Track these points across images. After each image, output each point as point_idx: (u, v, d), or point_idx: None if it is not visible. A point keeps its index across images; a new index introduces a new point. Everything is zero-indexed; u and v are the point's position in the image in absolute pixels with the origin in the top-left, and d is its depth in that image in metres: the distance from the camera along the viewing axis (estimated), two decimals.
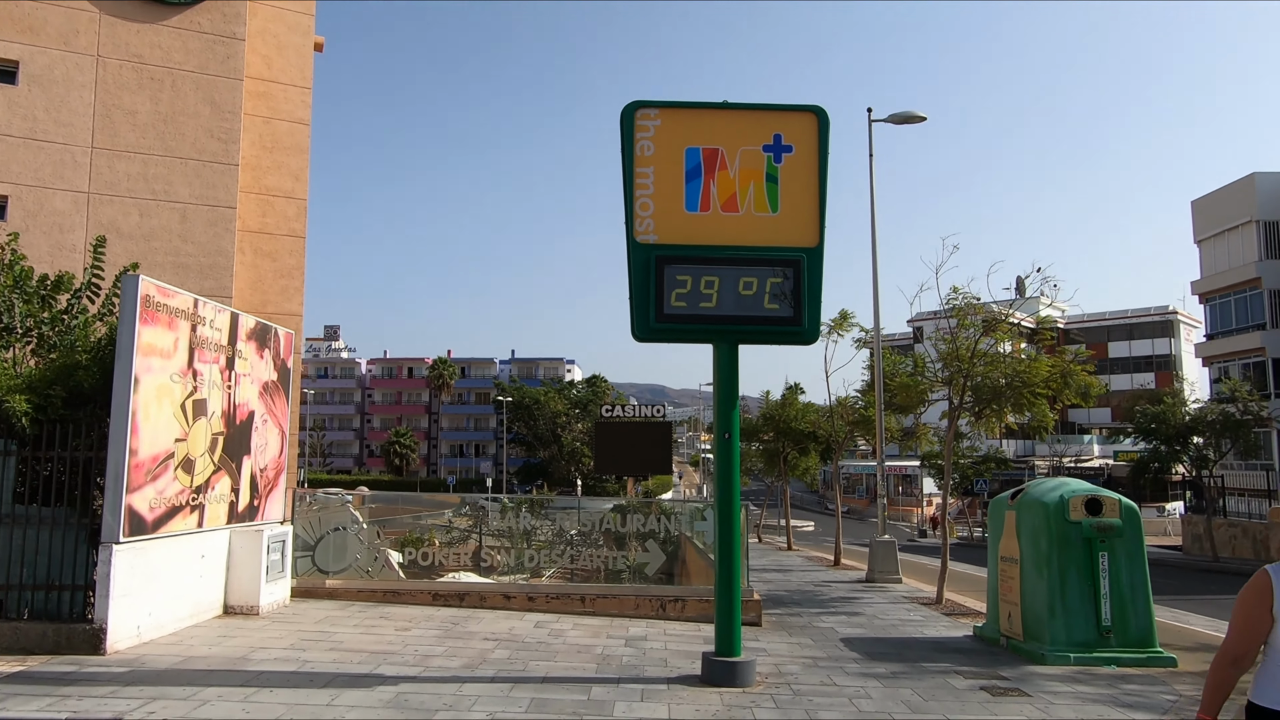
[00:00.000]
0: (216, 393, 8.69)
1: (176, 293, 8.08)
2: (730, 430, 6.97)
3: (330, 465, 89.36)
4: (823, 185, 7.34)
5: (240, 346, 9.19)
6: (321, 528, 10.69)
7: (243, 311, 9.67)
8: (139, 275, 7.48)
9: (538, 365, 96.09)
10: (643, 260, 7.13)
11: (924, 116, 16.12)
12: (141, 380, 7.39)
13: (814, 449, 26.54)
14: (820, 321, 7.22)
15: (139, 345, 7.35)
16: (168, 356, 7.81)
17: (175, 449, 7.94)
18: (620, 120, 7.27)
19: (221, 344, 8.78)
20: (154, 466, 7.60)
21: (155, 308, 7.62)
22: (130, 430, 7.23)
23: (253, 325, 9.57)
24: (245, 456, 9.32)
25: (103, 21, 17.53)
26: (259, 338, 9.67)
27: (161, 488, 7.72)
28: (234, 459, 9.05)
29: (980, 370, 12.27)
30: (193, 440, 8.23)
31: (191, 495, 8.23)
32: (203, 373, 8.42)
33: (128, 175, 17.51)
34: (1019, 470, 55.81)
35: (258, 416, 9.61)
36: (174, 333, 7.92)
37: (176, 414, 7.96)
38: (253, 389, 9.50)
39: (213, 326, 8.62)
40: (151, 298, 7.57)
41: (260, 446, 9.68)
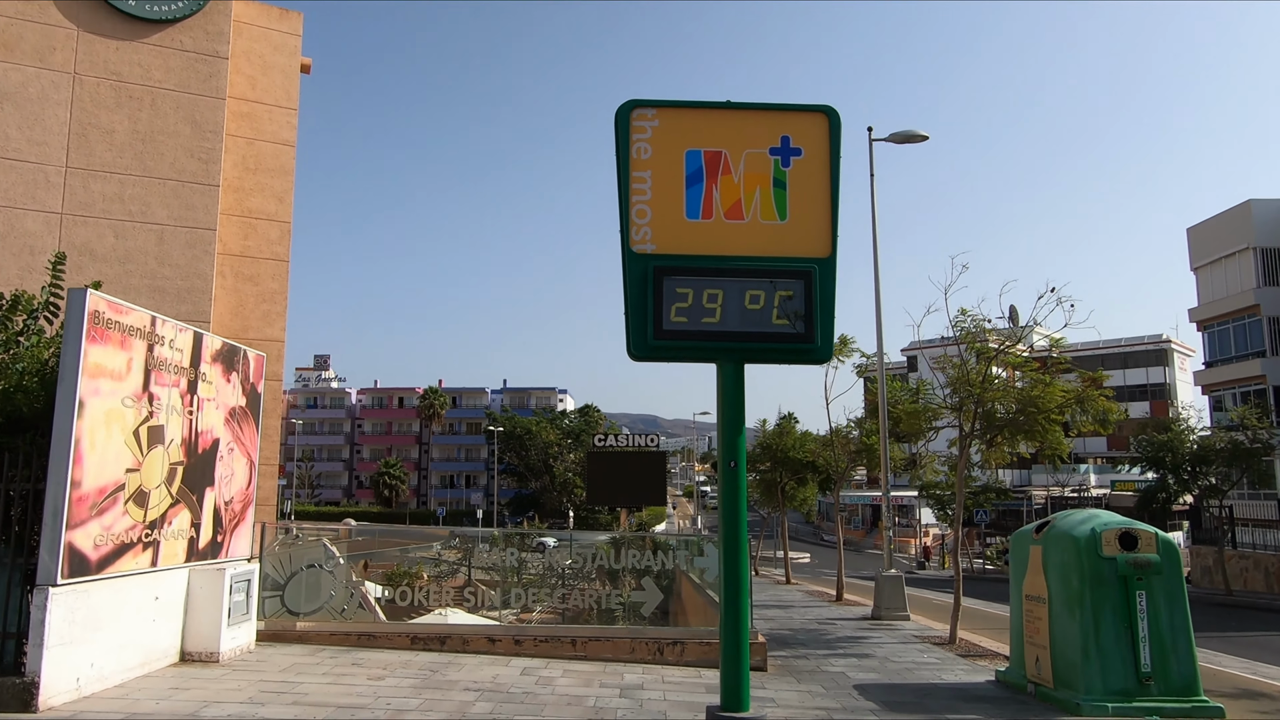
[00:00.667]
0: (176, 419, 8.00)
1: (131, 309, 7.42)
2: (736, 458, 6.32)
3: (319, 497, 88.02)
4: (835, 191, 6.75)
5: (204, 369, 8.51)
6: (292, 565, 9.94)
7: (209, 332, 8.99)
8: (87, 290, 6.84)
9: (530, 395, 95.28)
10: (640, 272, 6.50)
11: (925, 136, 15.69)
12: (88, 404, 6.71)
13: (812, 479, 25.86)
14: (833, 339, 6.60)
15: (85, 366, 6.67)
16: (119, 379, 7.14)
17: (126, 480, 7.23)
18: (615, 121, 6.68)
19: (183, 366, 8.10)
20: (100, 500, 6.89)
21: (106, 325, 6.96)
22: (73, 459, 6.53)
23: (219, 346, 8.90)
24: (208, 488, 8.60)
25: (80, 39, 17.03)
26: (226, 360, 9.00)
27: (109, 523, 7.00)
28: (195, 491, 8.33)
29: (992, 396, 11.66)
30: (147, 470, 7.53)
31: (144, 531, 7.50)
32: (160, 397, 7.73)
33: (103, 196, 16.91)
34: (1017, 501, 55.13)
35: (223, 445, 8.91)
36: (127, 353, 7.24)
37: (128, 441, 7.26)
38: (218, 415, 8.81)
39: (173, 347, 7.95)
40: (101, 314, 6.91)
41: (225, 477, 8.96)
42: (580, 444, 68.52)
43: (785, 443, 24.55)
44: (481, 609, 12.10)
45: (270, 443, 19.72)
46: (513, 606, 12.04)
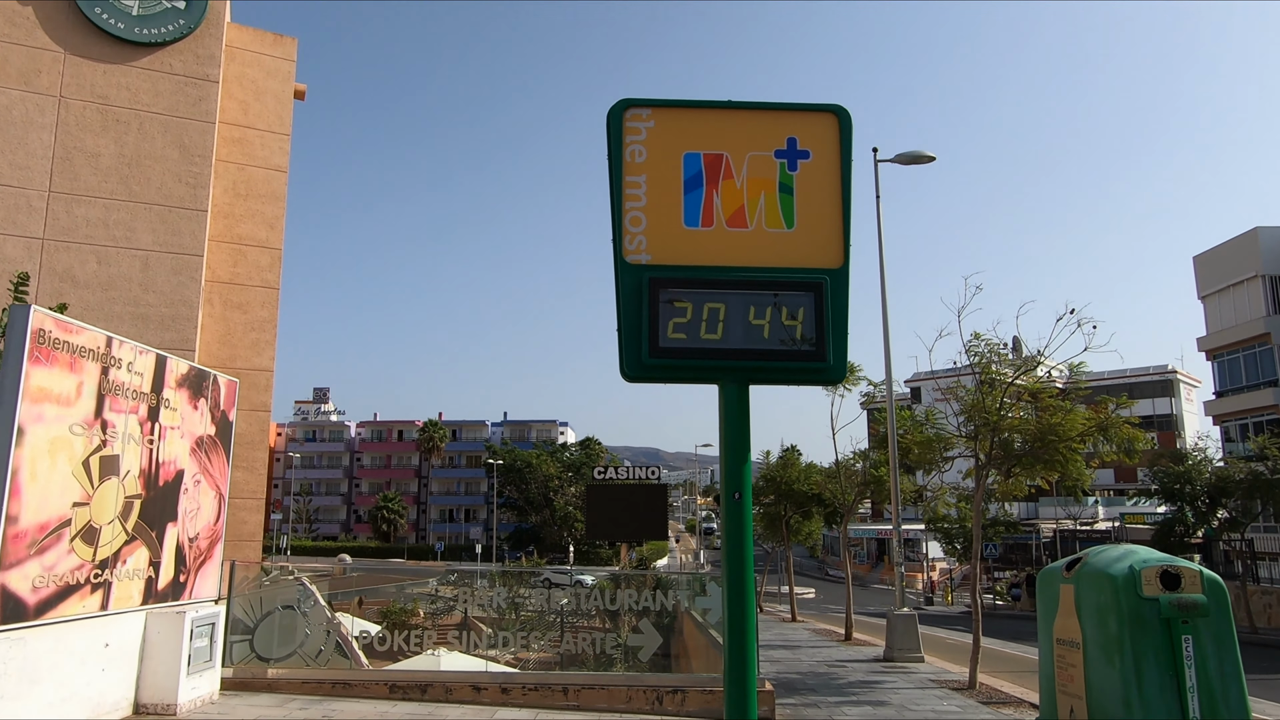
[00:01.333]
0: (134, 448, 7.39)
1: (83, 329, 6.85)
2: (740, 489, 5.64)
3: (316, 532, 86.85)
4: (846, 197, 6.16)
5: (168, 394, 7.92)
6: (264, 606, 9.27)
7: (175, 355, 8.42)
8: (31, 306, 6.27)
9: (530, 428, 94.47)
10: (633, 284, 5.88)
11: (932, 157, 15.25)
12: (28, 431, 6.11)
13: (818, 513, 25.12)
14: (847, 357, 5.98)
15: (26, 389, 6.09)
16: (67, 404, 6.55)
17: (74, 515, 6.61)
18: (607, 121, 6.11)
19: (142, 391, 7.52)
20: (41, 537, 6.26)
21: (52, 345, 6.39)
22: (9, 492, 5.92)
23: (185, 370, 8.32)
24: (170, 524, 7.97)
25: (67, 62, 16.70)
26: (193, 385, 8.42)
27: (51, 562, 6.37)
28: (154, 526, 7.70)
29: (1009, 424, 11.03)
30: (98, 504, 6.91)
31: (94, 571, 6.86)
32: (116, 424, 7.14)
33: (87, 220, 16.46)
34: (1026, 535, 54.11)
35: (188, 476, 8.29)
36: (77, 375, 6.66)
37: (77, 472, 6.65)
38: (182, 444, 8.20)
39: (131, 370, 7.37)
40: (47, 333, 6.34)
41: (190, 512, 8.33)
42: (581, 477, 67.68)
43: (789, 475, 23.86)
44: (478, 648, 11.59)
45: (256, 476, 19.07)
46: (510, 646, 11.49)
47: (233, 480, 18.70)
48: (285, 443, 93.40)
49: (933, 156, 15.31)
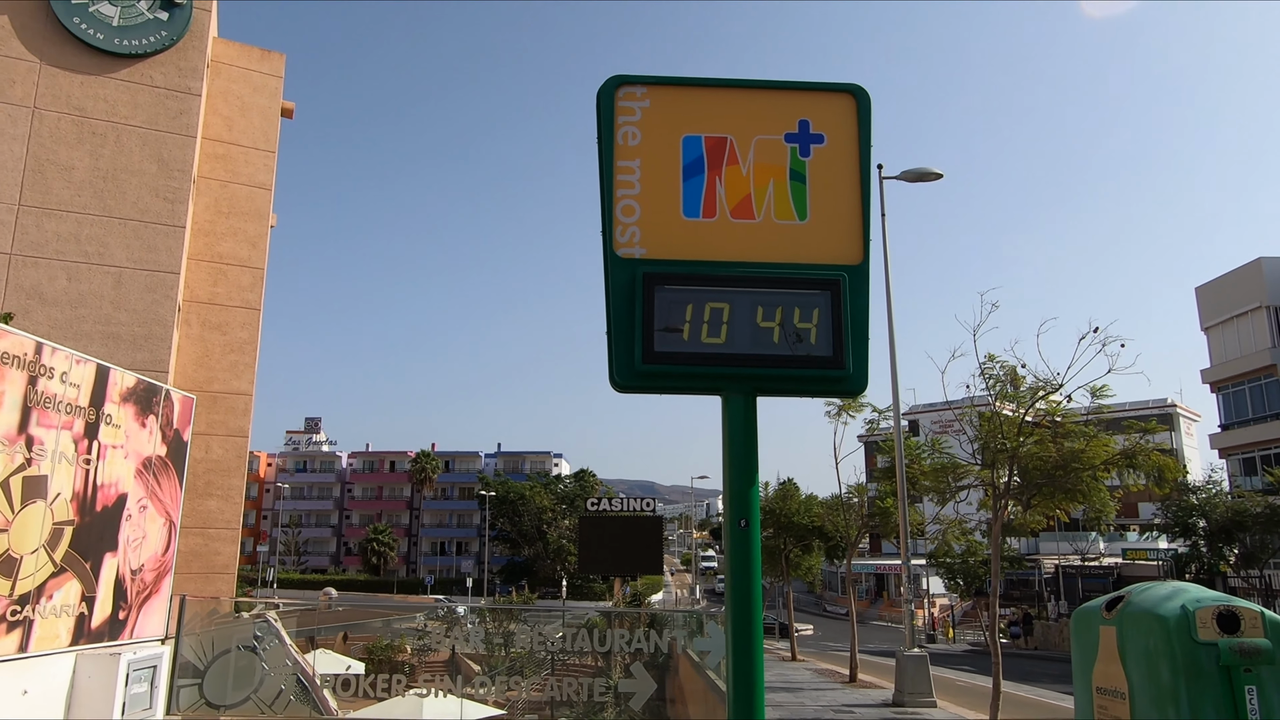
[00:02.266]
0: (66, 468, 6.61)
1: (8, 332, 6.11)
2: (748, 515, 4.87)
3: (305, 564, 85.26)
4: (865, 185, 5.45)
5: (110, 410, 7.16)
6: (217, 646, 8.42)
7: (121, 368, 7.65)
8: None
9: (524, 459, 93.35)
10: (625, 281, 5.15)
11: (939, 174, 14.69)
12: None
13: (819, 547, 24.25)
14: (868, 363, 5.25)
15: None
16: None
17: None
18: (597, 100, 5.41)
19: (78, 404, 6.75)
20: None
21: None
22: None
23: (131, 383, 7.56)
24: (108, 554, 7.15)
25: (43, 72, 16.11)
26: (140, 400, 7.65)
27: None
28: (89, 557, 6.89)
29: (1029, 450, 10.29)
30: (19, 531, 6.11)
31: (11, 607, 6.05)
32: (44, 440, 6.36)
33: (57, 235, 15.77)
34: (1028, 570, 53.05)
35: (132, 501, 7.49)
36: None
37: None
38: (126, 465, 7.41)
39: (66, 381, 6.62)
40: None
41: (134, 540, 7.52)
42: (575, 510, 66.62)
43: (789, 507, 23.03)
44: (467, 686, 11.00)
45: (231, 504, 18.19)
46: (498, 684, 10.82)
47: (206, 509, 17.89)
48: (275, 473, 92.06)
49: (939, 174, 14.75)
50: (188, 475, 17.62)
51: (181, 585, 17.09)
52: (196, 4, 17.40)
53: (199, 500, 17.63)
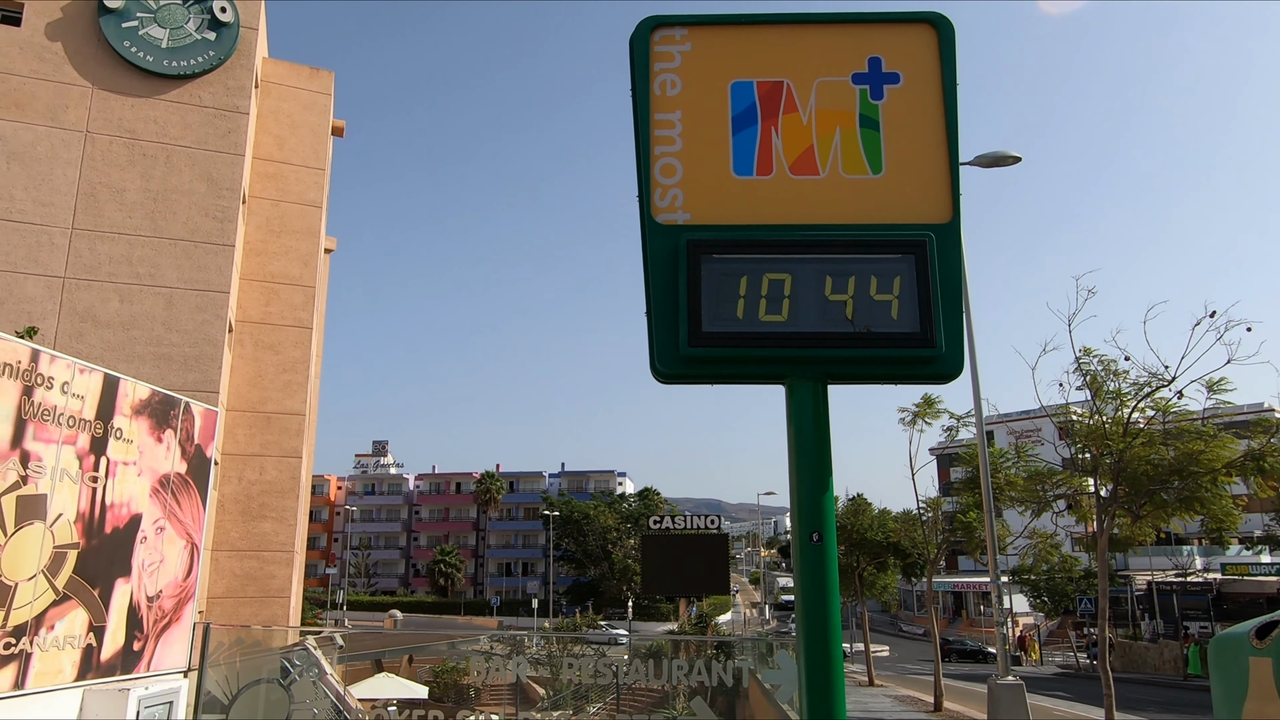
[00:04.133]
0: (69, 486, 6.09)
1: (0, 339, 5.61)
2: (822, 528, 3.97)
3: (374, 586, 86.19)
4: (952, 130, 4.55)
5: (120, 423, 6.64)
6: (242, 679, 7.83)
7: (132, 378, 7.15)
8: None
9: (588, 478, 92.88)
10: (667, 251, 4.32)
11: (1018, 157, 13.55)
12: None
13: (894, 564, 22.92)
14: (964, 340, 4.31)
15: None
16: None
17: None
18: (630, 46, 4.63)
19: (82, 417, 6.25)
20: None
21: None
22: None
23: (145, 396, 7.05)
24: (121, 579, 6.62)
25: (95, 96, 16.19)
26: (155, 413, 7.13)
27: None
28: (97, 583, 6.36)
29: (1138, 453, 9.10)
30: (12, 556, 5.59)
31: (5, 639, 5.52)
32: (42, 456, 5.85)
33: (110, 258, 15.74)
34: (1120, 588, 50.07)
35: (148, 523, 6.96)
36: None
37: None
38: (140, 484, 6.89)
39: (68, 392, 6.11)
40: None
41: (150, 565, 6.98)
42: (640, 529, 65.76)
43: (861, 522, 21.81)
44: (532, 710, 10.47)
45: (286, 527, 17.89)
46: (564, 709, 10.28)
47: (260, 532, 17.60)
48: (345, 496, 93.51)
49: (1018, 157, 13.61)
50: (241, 498, 17.40)
51: (236, 610, 16.82)
52: (244, 24, 17.35)
53: (253, 523, 17.36)
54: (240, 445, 17.54)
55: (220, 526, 17.02)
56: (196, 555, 7.68)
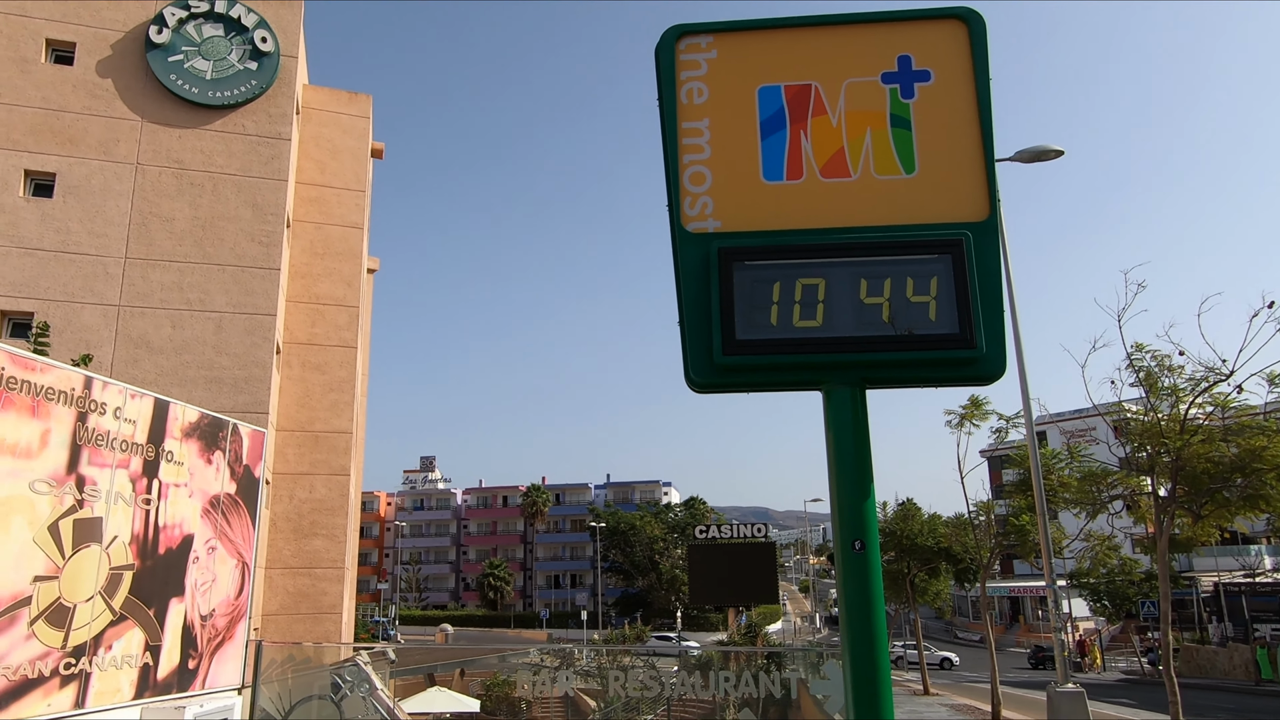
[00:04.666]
0: (123, 509, 6.25)
1: (52, 366, 5.78)
2: (864, 535, 3.91)
3: (426, 601, 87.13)
4: (987, 126, 4.48)
5: (170, 446, 6.80)
6: (294, 695, 7.94)
7: (183, 402, 7.31)
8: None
9: (633, 489, 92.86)
10: (698, 258, 4.31)
11: (1060, 151, 13.26)
12: None
13: (946, 570, 22.47)
14: (1005, 339, 4.22)
15: None
16: (26, 455, 5.45)
17: (35, 591, 5.45)
18: (655, 56, 4.65)
19: (134, 441, 6.40)
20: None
21: (5, 385, 5.32)
22: None
23: (195, 418, 7.20)
24: (175, 599, 6.76)
25: (144, 129, 16.71)
26: (205, 435, 7.29)
27: (1, 651, 5.19)
28: (152, 603, 6.50)
29: (1197, 449, 8.80)
30: (70, 578, 5.74)
31: (64, 660, 5.66)
32: (97, 480, 6.01)
33: (161, 285, 16.19)
34: (1185, 590, 48.49)
35: (199, 543, 7.10)
36: (41, 422, 5.57)
37: (40, 538, 5.51)
38: (191, 505, 7.04)
39: (120, 417, 6.27)
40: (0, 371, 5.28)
41: (202, 584, 7.12)
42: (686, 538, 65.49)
43: (911, 528, 21.43)
44: None
45: (337, 544, 18.16)
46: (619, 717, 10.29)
47: (312, 549, 17.89)
48: (395, 512, 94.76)
49: (1060, 150, 13.32)
50: (292, 516, 17.70)
51: (290, 627, 17.10)
52: (284, 53, 17.77)
53: (304, 540, 17.65)
54: (290, 464, 17.87)
55: (273, 545, 17.35)
56: (248, 574, 7.82)
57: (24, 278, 15.38)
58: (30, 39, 16.42)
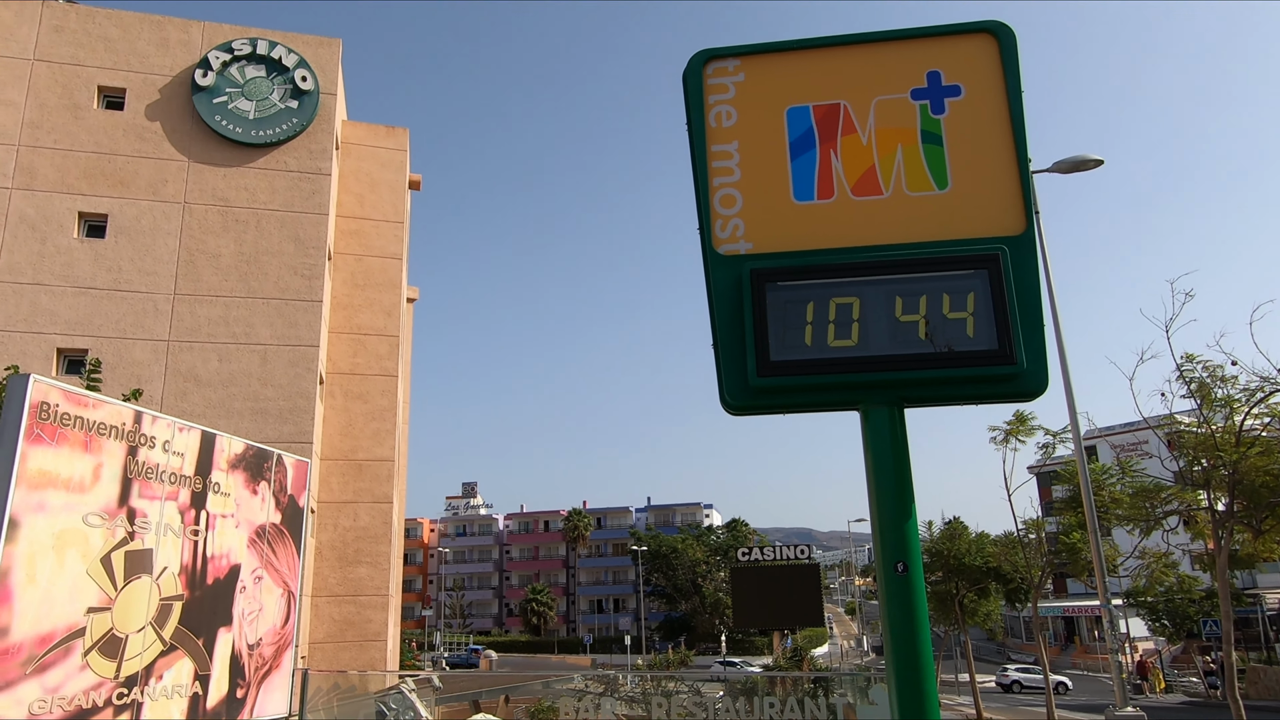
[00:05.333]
0: (172, 540, 6.38)
1: (102, 401, 5.95)
2: (907, 557, 3.84)
3: (470, 626, 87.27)
4: (1020, 139, 4.43)
5: (217, 478, 6.94)
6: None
7: (230, 434, 7.46)
8: (31, 376, 5.39)
9: (674, 511, 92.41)
10: (730, 281, 4.31)
11: (1099, 160, 13.04)
12: (24, 523, 5.15)
13: (996, 590, 21.96)
14: (1046, 354, 4.15)
15: (22, 474, 5.16)
16: (80, 490, 5.60)
17: (89, 622, 5.58)
18: (683, 81, 4.69)
19: (183, 474, 6.55)
20: (42, 652, 5.22)
21: (60, 421, 5.48)
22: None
23: (240, 450, 7.35)
24: (223, 629, 6.87)
25: (190, 169, 17.22)
26: (251, 467, 7.43)
27: (56, 683, 5.31)
28: (201, 633, 6.61)
29: (1255, 462, 8.52)
30: (123, 609, 5.86)
31: (117, 690, 5.77)
32: (147, 513, 6.15)
33: (209, 320, 16.60)
34: (1248, 608, 46.74)
35: (246, 573, 7.22)
36: (94, 456, 5.73)
37: (93, 570, 5.65)
38: (238, 535, 7.17)
39: (169, 450, 6.42)
40: (52, 407, 5.44)
41: (250, 614, 7.23)
42: (729, 561, 64.91)
43: (958, 547, 21.00)
44: None
45: (380, 571, 18.32)
46: None
47: (357, 577, 18.06)
48: (438, 538, 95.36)
49: (1099, 160, 13.09)
50: (337, 544, 17.88)
51: (336, 655, 17.24)
52: (323, 90, 18.23)
53: (349, 568, 17.83)
54: (334, 493, 18.11)
55: (318, 573, 17.55)
56: (293, 603, 7.92)
57: (78, 316, 15.88)
58: (83, 87, 17.07)
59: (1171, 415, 9.85)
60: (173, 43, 17.70)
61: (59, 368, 15.79)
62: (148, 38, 17.61)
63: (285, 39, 18.20)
